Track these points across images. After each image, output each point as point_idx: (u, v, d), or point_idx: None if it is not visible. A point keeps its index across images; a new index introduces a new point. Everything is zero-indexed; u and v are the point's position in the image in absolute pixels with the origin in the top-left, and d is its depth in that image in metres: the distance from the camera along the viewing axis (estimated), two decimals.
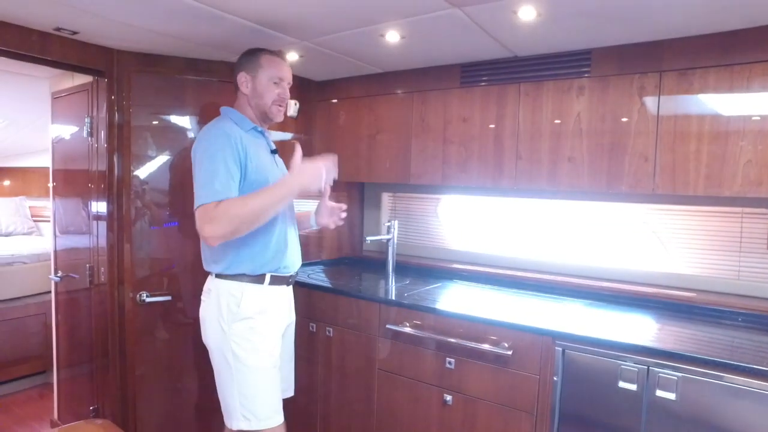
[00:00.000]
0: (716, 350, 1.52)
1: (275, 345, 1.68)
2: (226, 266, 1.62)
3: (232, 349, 1.60)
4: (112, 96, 2.08)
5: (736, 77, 1.62)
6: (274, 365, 1.66)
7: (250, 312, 1.62)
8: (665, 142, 1.74)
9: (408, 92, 2.33)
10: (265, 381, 1.62)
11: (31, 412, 2.93)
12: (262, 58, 1.67)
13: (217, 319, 1.62)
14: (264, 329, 1.64)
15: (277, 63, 1.69)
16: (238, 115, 1.68)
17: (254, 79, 1.67)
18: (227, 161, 1.50)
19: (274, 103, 1.68)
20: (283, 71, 1.70)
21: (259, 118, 1.72)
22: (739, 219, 1.93)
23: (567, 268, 2.27)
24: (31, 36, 1.81)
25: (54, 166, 2.53)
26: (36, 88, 2.59)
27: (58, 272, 2.47)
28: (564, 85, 1.93)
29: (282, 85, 1.69)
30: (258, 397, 1.61)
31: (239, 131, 1.60)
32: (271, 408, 1.64)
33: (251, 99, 1.69)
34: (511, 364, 1.71)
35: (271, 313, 1.68)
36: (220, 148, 1.51)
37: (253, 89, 1.67)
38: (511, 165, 2.06)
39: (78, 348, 2.42)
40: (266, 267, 1.65)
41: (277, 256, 1.67)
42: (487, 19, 1.63)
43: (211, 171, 1.49)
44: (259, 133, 1.71)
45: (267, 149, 1.73)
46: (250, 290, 1.63)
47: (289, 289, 1.78)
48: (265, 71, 1.66)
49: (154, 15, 1.67)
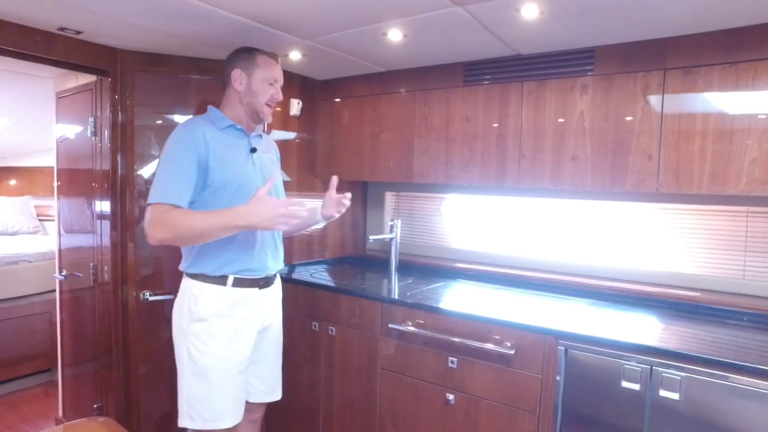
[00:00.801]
0: (721, 350, 1.51)
1: (235, 349, 1.63)
2: (189, 264, 1.63)
3: (188, 348, 1.60)
4: (116, 95, 2.09)
5: (741, 75, 1.61)
6: (226, 370, 1.61)
7: (206, 313, 1.59)
8: (669, 141, 1.73)
9: (411, 91, 2.33)
10: (216, 384, 1.60)
11: (37, 410, 2.95)
12: (259, 57, 1.68)
13: (179, 317, 1.63)
14: (221, 332, 1.60)
15: (273, 64, 1.70)
16: (217, 113, 1.67)
17: (250, 77, 1.66)
18: (186, 165, 1.51)
19: (266, 102, 1.68)
20: (278, 73, 1.70)
21: (249, 117, 1.69)
22: (745, 218, 1.92)
23: (570, 268, 2.27)
24: (35, 36, 1.82)
25: (58, 165, 2.54)
26: (40, 88, 2.60)
27: (63, 271, 2.48)
28: (567, 84, 1.92)
29: (276, 86, 1.70)
30: (205, 399, 1.60)
31: (211, 130, 1.60)
32: (218, 411, 1.61)
33: (244, 96, 1.67)
34: (514, 364, 1.70)
35: (236, 316, 1.63)
36: (182, 150, 1.53)
37: (248, 87, 1.66)
38: (514, 164, 2.06)
39: (82, 346, 2.43)
40: (228, 268, 1.60)
41: (242, 258, 1.62)
42: (490, 17, 1.62)
43: (168, 172, 1.51)
44: (237, 131, 1.67)
45: (245, 148, 1.68)
46: (209, 291, 1.60)
47: (263, 292, 1.70)
48: (262, 71, 1.67)
49: (157, 14, 1.67)
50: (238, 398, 1.67)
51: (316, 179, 2.67)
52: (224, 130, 1.64)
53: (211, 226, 1.46)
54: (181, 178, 1.50)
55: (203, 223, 1.46)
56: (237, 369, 1.64)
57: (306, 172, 2.61)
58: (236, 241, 1.60)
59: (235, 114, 1.68)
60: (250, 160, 1.68)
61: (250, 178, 1.63)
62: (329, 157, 2.63)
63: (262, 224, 1.46)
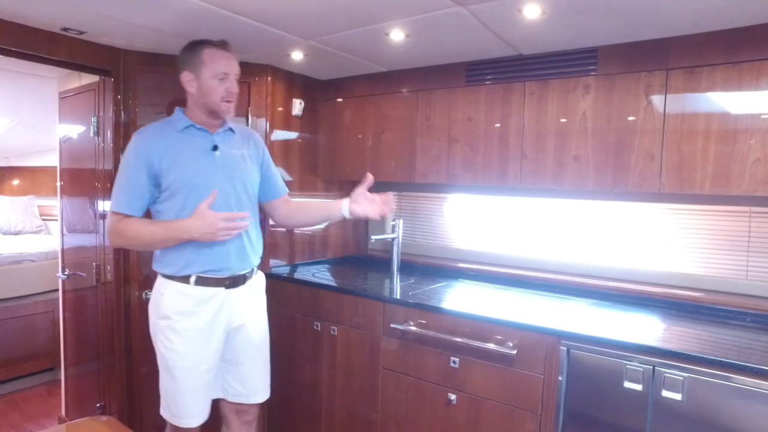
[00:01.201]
0: (723, 350, 1.51)
1: (199, 348, 1.62)
2: (155, 264, 1.67)
3: (157, 344, 1.65)
4: (119, 95, 2.10)
5: (744, 75, 1.61)
6: (190, 368, 1.61)
7: (169, 311, 1.60)
8: (672, 141, 1.73)
9: (413, 91, 2.33)
10: (180, 381, 1.61)
11: (40, 409, 2.96)
12: (204, 53, 1.58)
13: (151, 312, 1.67)
14: (184, 330, 1.60)
15: (221, 57, 1.59)
16: (178, 115, 1.66)
17: (198, 78, 1.58)
18: (136, 174, 1.57)
19: (222, 100, 1.60)
20: (228, 65, 1.60)
21: (210, 116, 1.65)
22: (747, 218, 1.91)
23: (572, 268, 2.26)
24: (39, 36, 1.82)
25: (61, 165, 2.55)
26: (44, 88, 2.61)
27: (66, 270, 2.49)
28: (569, 84, 1.92)
29: (228, 79, 1.60)
30: (172, 395, 1.63)
31: (168, 133, 1.61)
32: (183, 409, 1.63)
33: (198, 98, 1.61)
34: (516, 364, 1.70)
35: (201, 315, 1.61)
36: (133, 160, 1.58)
37: (199, 88, 1.59)
38: (516, 164, 2.05)
39: (85, 345, 2.44)
40: (190, 269, 1.60)
41: (203, 259, 1.60)
42: (492, 17, 1.62)
43: (121, 182, 1.59)
44: (198, 131, 1.64)
45: (206, 147, 1.64)
46: (172, 289, 1.61)
47: (231, 292, 1.67)
48: (208, 68, 1.57)
49: (160, 14, 1.67)
50: (204, 398, 1.67)
51: (318, 179, 2.67)
52: (184, 131, 1.63)
53: (156, 238, 1.57)
54: (131, 187, 1.57)
55: (149, 235, 1.57)
56: (202, 368, 1.63)
57: (308, 172, 2.61)
58: (197, 243, 1.58)
59: (195, 115, 1.65)
60: (211, 159, 1.63)
61: (208, 177, 1.60)
62: (331, 157, 2.63)
63: (203, 237, 1.53)
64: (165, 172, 1.58)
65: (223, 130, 1.70)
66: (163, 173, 1.58)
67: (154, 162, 1.57)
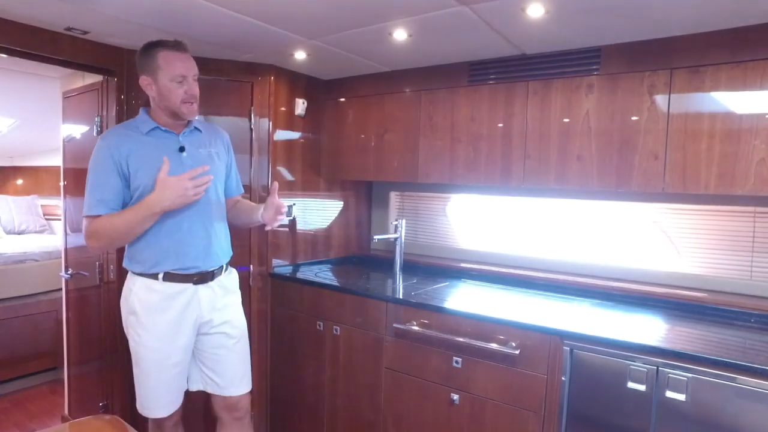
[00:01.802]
0: (728, 351, 1.50)
1: (167, 342, 1.65)
2: (126, 263, 1.70)
3: (127, 337, 1.70)
4: (122, 95, 2.10)
5: (749, 74, 1.60)
6: (158, 361, 1.65)
7: (137, 306, 1.64)
8: (676, 141, 1.72)
9: (416, 91, 2.33)
10: (148, 374, 1.66)
11: (43, 408, 2.97)
12: (160, 56, 1.57)
13: (121, 307, 1.72)
14: (152, 325, 1.63)
15: (176, 59, 1.58)
16: (143, 117, 1.67)
17: (156, 82, 1.59)
18: (106, 175, 1.57)
19: (183, 102, 1.60)
20: (184, 67, 1.59)
21: (173, 118, 1.66)
22: (752, 218, 1.90)
23: (576, 268, 2.26)
24: (43, 36, 1.83)
25: (65, 165, 2.55)
26: (47, 88, 2.62)
27: (69, 270, 2.50)
28: (573, 83, 1.91)
29: (186, 81, 1.60)
30: (140, 387, 1.69)
31: (133, 136, 1.62)
32: (152, 400, 1.68)
33: (159, 102, 1.62)
34: (519, 364, 1.70)
35: (170, 310, 1.64)
36: (102, 161, 1.58)
37: (158, 92, 1.60)
38: (519, 164, 2.05)
39: (88, 345, 2.44)
40: (158, 267, 1.63)
41: (171, 256, 1.63)
42: (495, 16, 1.62)
43: (91, 184, 1.59)
44: (163, 132, 1.66)
45: (173, 149, 1.65)
46: (139, 284, 1.65)
47: (199, 288, 1.69)
48: (165, 72, 1.57)
49: (164, 15, 1.68)
50: (172, 390, 1.71)
51: (321, 179, 2.67)
52: (149, 133, 1.64)
53: (130, 222, 1.55)
54: (102, 189, 1.57)
55: (121, 222, 1.55)
56: (170, 362, 1.67)
57: (310, 171, 2.61)
58: (165, 243, 1.63)
59: (159, 116, 1.67)
60: (178, 160, 1.64)
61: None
62: (334, 157, 2.63)
63: (176, 202, 1.53)
64: (133, 175, 1.59)
65: (188, 130, 1.72)
66: (131, 175, 1.59)
67: (122, 164, 1.58)
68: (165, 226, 1.62)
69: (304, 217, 2.57)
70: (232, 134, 2.29)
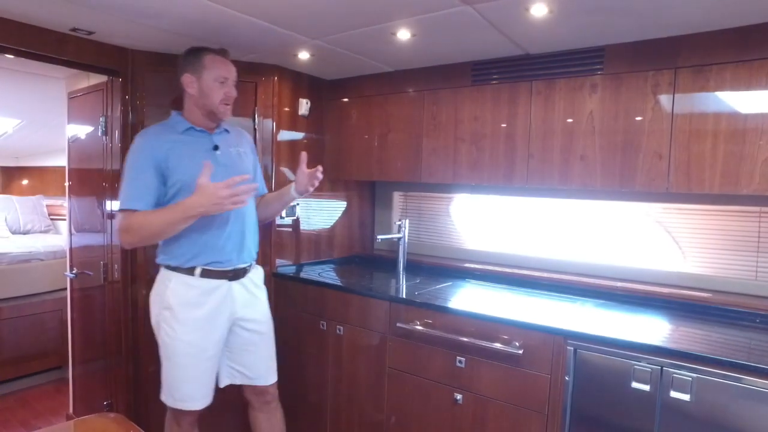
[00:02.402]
0: (732, 351, 1.50)
1: (202, 336, 1.70)
2: (161, 257, 1.74)
3: (160, 333, 1.72)
4: (126, 96, 2.11)
5: (754, 73, 1.59)
6: (193, 355, 1.69)
7: (173, 302, 1.68)
8: (680, 140, 1.72)
9: (419, 91, 2.33)
10: (183, 367, 1.69)
11: (48, 406, 2.99)
12: (206, 58, 1.70)
13: (154, 303, 1.75)
14: (188, 320, 1.68)
15: (221, 62, 1.71)
16: (177, 118, 1.75)
17: (199, 79, 1.69)
18: (143, 171, 1.62)
19: (221, 102, 1.71)
20: (227, 70, 1.72)
21: (207, 118, 1.74)
22: (757, 218, 1.89)
23: (580, 268, 2.25)
24: (49, 36, 1.84)
25: (70, 165, 2.57)
26: (53, 89, 2.63)
27: (74, 269, 2.51)
28: (576, 83, 1.91)
29: (227, 83, 1.72)
30: (175, 381, 1.71)
31: (170, 135, 1.69)
32: (187, 393, 1.71)
33: (198, 99, 1.71)
34: (523, 364, 1.70)
35: (205, 305, 1.70)
36: (139, 158, 1.64)
37: (199, 90, 1.70)
38: (522, 163, 2.05)
39: (92, 344, 2.45)
40: (195, 261, 1.69)
41: (207, 252, 1.69)
42: (499, 16, 1.62)
43: (128, 179, 1.63)
44: (198, 132, 1.74)
45: (207, 147, 1.74)
46: (176, 281, 1.69)
47: (232, 284, 1.76)
48: (210, 72, 1.69)
49: (168, 15, 1.69)
50: (206, 383, 1.75)
51: (324, 179, 2.65)
52: (184, 132, 1.72)
53: (165, 222, 1.58)
54: (138, 184, 1.62)
55: (158, 220, 1.58)
56: (205, 355, 1.72)
57: None
58: (202, 237, 1.69)
59: (193, 116, 1.74)
60: (213, 159, 1.70)
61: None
62: (337, 157, 2.63)
63: (211, 209, 1.55)
64: (171, 171, 1.65)
65: (219, 131, 1.80)
66: (169, 172, 1.65)
67: (161, 160, 1.64)
68: (202, 220, 1.64)
69: (307, 217, 2.57)
70: None
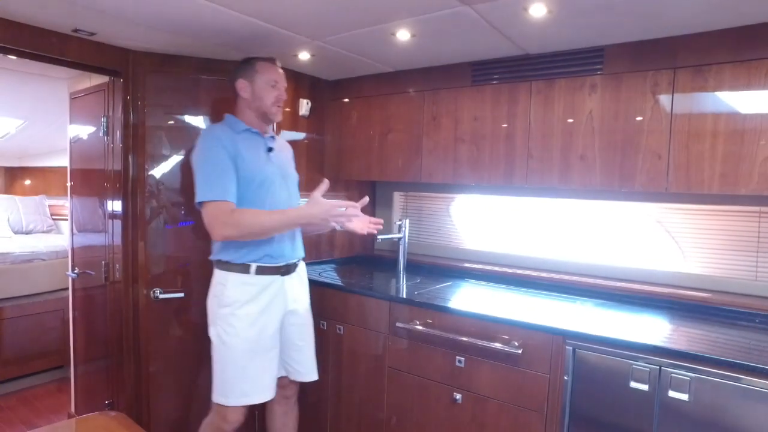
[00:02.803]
0: (731, 351, 1.50)
1: (260, 331, 1.77)
2: (216, 253, 1.80)
3: (218, 331, 1.76)
4: (128, 96, 2.12)
5: (753, 73, 1.59)
6: (253, 350, 1.75)
7: (231, 300, 1.74)
8: (679, 140, 1.72)
9: (419, 91, 2.34)
10: (245, 363, 1.74)
11: (50, 405, 3.00)
12: (258, 64, 1.82)
13: (211, 303, 1.81)
14: (246, 316, 1.75)
15: (271, 68, 1.83)
16: (233, 119, 1.84)
17: (252, 84, 1.81)
18: (225, 163, 1.69)
19: (273, 104, 1.82)
20: (277, 75, 1.84)
21: (260, 119, 1.85)
22: (757, 218, 1.89)
23: (579, 268, 2.25)
24: (51, 37, 1.85)
25: (72, 165, 2.58)
26: (55, 89, 2.65)
27: (75, 269, 2.52)
28: (576, 83, 1.91)
29: (278, 87, 1.83)
30: (236, 377, 1.74)
31: (231, 133, 1.77)
32: (249, 388, 1.75)
33: (251, 102, 1.82)
34: (522, 363, 1.70)
35: (260, 301, 1.77)
36: (218, 150, 1.70)
37: (252, 93, 1.81)
38: (522, 163, 2.05)
39: (94, 344, 2.46)
40: (250, 256, 1.75)
41: (262, 246, 1.76)
42: (498, 16, 1.62)
43: (211, 172, 1.69)
44: (253, 134, 1.83)
45: (263, 148, 1.85)
46: (233, 279, 1.75)
47: (285, 279, 1.84)
48: (262, 76, 1.81)
49: (169, 16, 1.70)
50: (268, 376, 1.80)
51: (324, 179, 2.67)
52: (241, 133, 1.80)
53: (277, 225, 1.70)
54: (225, 177, 1.68)
55: (271, 222, 1.68)
56: (264, 349, 1.78)
57: (314, 171, 2.62)
58: None
59: (247, 119, 1.85)
60: (268, 159, 1.84)
61: (270, 174, 1.81)
62: (338, 157, 2.64)
63: (320, 223, 1.68)
64: (239, 166, 1.73)
65: (269, 136, 1.91)
66: (238, 167, 1.73)
67: (232, 155, 1.72)
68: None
69: None
70: None
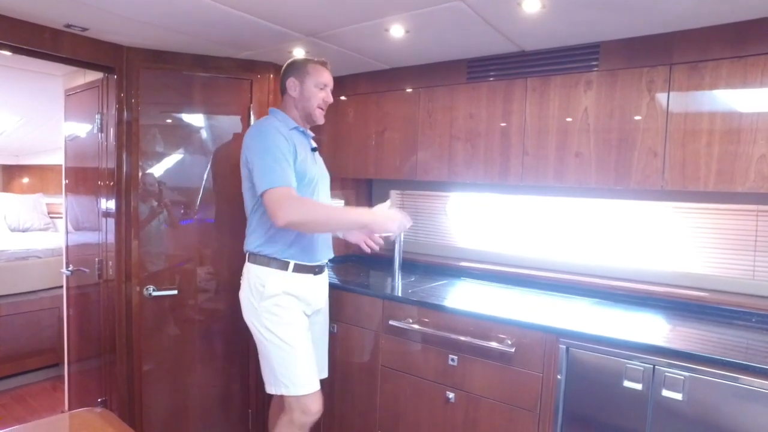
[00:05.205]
0: (726, 350, 1.48)
1: (303, 322, 1.80)
2: (258, 245, 1.79)
3: (264, 324, 1.76)
4: (122, 93, 2.11)
5: (749, 69, 1.58)
6: (303, 337, 1.78)
7: (273, 292, 1.76)
8: (675, 137, 1.70)
9: (415, 88, 2.32)
10: (299, 352, 1.75)
11: (44, 403, 2.99)
12: (309, 66, 1.85)
13: (249, 298, 1.80)
14: (288, 304, 1.77)
15: (322, 70, 1.86)
16: (283, 115, 1.85)
17: (302, 84, 1.83)
18: (283, 152, 1.70)
19: (318, 106, 1.85)
20: (327, 78, 1.87)
21: (303, 119, 1.88)
22: (755, 217, 1.87)
23: (575, 267, 2.23)
24: (43, 33, 1.84)
25: (67, 163, 2.57)
26: (52, 86, 2.64)
27: (70, 266, 2.51)
28: (572, 80, 1.90)
29: (326, 90, 1.87)
30: (295, 366, 1.74)
31: (285, 128, 1.78)
32: (305, 377, 1.75)
33: (298, 102, 1.85)
34: (515, 362, 1.68)
35: (295, 298, 1.79)
36: (278, 140, 1.71)
37: (301, 93, 1.84)
38: (517, 161, 2.04)
39: (88, 342, 2.45)
40: (290, 251, 1.78)
41: (302, 243, 1.80)
42: (491, 11, 1.61)
43: (272, 160, 1.68)
44: (300, 132, 1.85)
45: (308, 147, 1.88)
46: (273, 275, 1.77)
47: (316, 278, 1.87)
48: (312, 77, 1.83)
49: (163, 12, 1.68)
50: (315, 365, 1.81)
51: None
52: (291, 130, 1.81)
53: (339, 218, 1.79)
54: (286, 166, 1.69)
55: (340, 216, 1.80)
56: (307, 337, 1.81)
57: None
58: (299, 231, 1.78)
59: (292, 117, 1.86)
60: (312, 158, 1.88)
61: (315, 173, 1.84)
62: (333, 155, 2.62)
63: (382, 224, 1.75)
64: (295, 160, 1.75)
65: (311, 136, 1.94)
66: (294, 160, 1.75)
67: (291, 147, 1.74)
68: None
69: None
70: (230, 132, 2.31)
